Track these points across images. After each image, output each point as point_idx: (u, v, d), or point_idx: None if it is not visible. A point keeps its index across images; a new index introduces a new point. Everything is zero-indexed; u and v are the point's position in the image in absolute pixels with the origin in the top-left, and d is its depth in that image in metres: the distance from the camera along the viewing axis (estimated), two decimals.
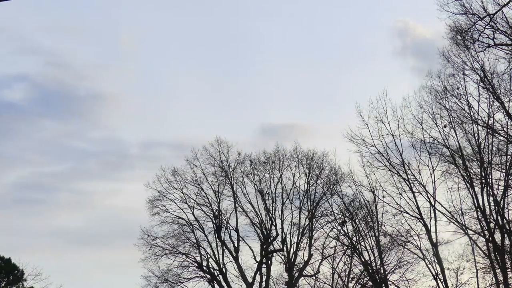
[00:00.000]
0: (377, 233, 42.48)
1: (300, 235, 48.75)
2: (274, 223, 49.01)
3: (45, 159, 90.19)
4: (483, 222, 36.72)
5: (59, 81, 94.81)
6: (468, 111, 36.39)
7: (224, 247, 48.97)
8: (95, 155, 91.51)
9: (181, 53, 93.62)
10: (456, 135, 37.36)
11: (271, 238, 48.92)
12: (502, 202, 36.17)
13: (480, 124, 36.06)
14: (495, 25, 30.75)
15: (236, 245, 48.87)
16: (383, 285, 42.71)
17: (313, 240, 48.61)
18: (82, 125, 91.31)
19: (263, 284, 48.24)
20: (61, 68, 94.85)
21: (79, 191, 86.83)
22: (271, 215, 49.07)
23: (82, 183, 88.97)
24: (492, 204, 36.51)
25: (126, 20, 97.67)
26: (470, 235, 38.17)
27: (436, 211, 38.79)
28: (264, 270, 48.74)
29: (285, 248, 48.69)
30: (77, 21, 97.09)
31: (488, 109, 35.55)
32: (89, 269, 75.67)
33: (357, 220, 44.45)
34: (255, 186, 49.54)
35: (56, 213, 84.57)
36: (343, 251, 47.47)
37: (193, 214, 49.61)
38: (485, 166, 36.38)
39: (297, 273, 48.16)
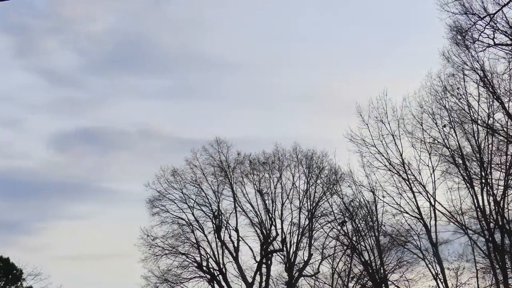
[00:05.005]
0: (377, 233, 42.49)
1: (300, 235, 48.71)
2: (274, 223, 48.98)
3: None
4: (483, 222, 36.73)
5: None
6: (468, 111, 36.40)
7: (224, 247, 48.91)
8: None
9: None
10: (456, 135, 37.42)
11: (271, 238, 48.86)
12: (502, 202, 36.18)
13: (480, 124, 36.06)
14: (495, 25, 30.69)
15: (236, 245, 48.81)
16: (383, 285, 42.71)
17: (313, 240, 48.57)
18: None
19: (263, 284, 48.20)
20: None
21: None
22: (270, 215, 49.02)
23: None
24: (492, 204, 36.52)
25: None
26: (470, 235, 38.18)
27: (436, 211, 38.87)
28: (264, 270, 48.71)
29: (285, 248, 48.63)
30: None
31: (488, 109, 35.56)
32: None
33: (357, 220, 44.46)
34: (255, 186, 49.53)
35: None
36: (343, 251, 47.46)
37: (193, 214, 49.64)
38: (485, 166, 36.39)
39: (297, 273, 48.12)
